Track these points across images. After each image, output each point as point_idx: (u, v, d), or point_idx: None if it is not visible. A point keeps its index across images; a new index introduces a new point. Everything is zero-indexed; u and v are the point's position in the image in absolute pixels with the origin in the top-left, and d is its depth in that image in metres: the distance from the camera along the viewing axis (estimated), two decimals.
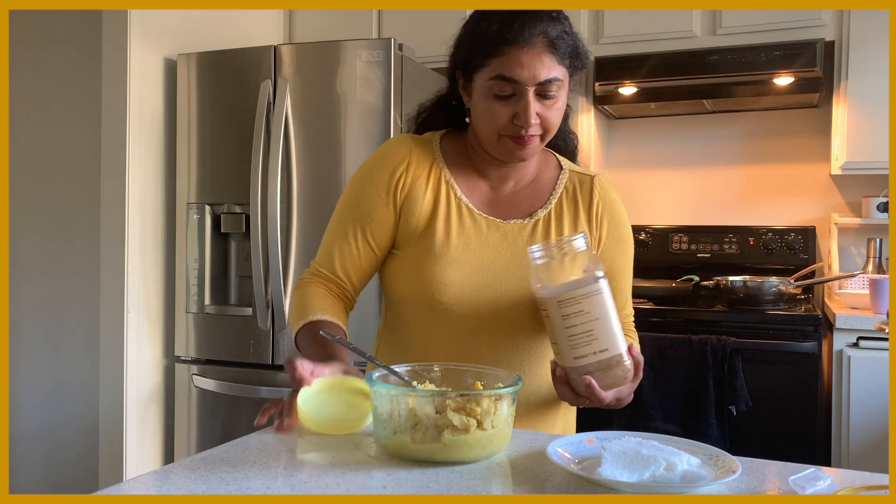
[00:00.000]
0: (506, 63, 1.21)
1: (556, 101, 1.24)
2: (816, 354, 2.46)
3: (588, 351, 1.12)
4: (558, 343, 1.14)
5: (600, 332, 1.12)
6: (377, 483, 0.90)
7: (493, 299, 1.28)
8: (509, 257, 1.30)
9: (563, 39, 1.22)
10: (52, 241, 3.22)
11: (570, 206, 1.35)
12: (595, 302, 1.12)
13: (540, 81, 1.21)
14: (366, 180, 1.34)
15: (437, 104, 1.43)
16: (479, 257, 1.29)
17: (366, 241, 1.33)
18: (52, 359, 3.22)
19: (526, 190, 1.36)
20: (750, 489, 0.90)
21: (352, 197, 1.35)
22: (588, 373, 1.13)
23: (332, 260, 1.35)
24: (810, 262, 2.98)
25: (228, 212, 2.78)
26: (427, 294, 1.28)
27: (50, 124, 3.22)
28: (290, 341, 2.68)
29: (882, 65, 2.68)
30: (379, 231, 1.32)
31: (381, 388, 1.00)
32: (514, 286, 1.28)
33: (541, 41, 1.20)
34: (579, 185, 1.37)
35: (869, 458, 2.43)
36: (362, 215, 1.32)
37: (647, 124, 3.38)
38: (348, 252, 1.33)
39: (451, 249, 1.28)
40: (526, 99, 1.21)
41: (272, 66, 2.69)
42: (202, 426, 2.81)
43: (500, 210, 1.34)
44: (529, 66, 1.20)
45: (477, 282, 1.28)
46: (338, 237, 1.35)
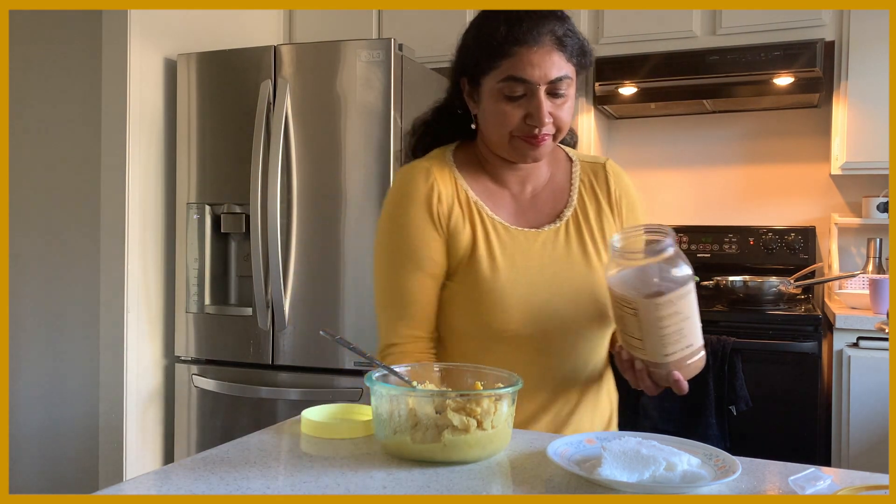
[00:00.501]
0: (516, 63, 1.20)
1: (566, 99, 1.24)
2: (816, 354, 2.46)
3: (677, 348, 1.14)
4: (645, 340, 1.14)
5: (689, 329, 1.14)
6: (377, 483, 0.90)
7: (554, 313, 1.27)
8: (554, 266, 1.28)
9: (570, 38, 1.23)
10: (52, 241, 3.22)
11: (591, 200, 1.35)
12: (688, 301, 1.13)
13: (550, 80, 1.21)
14: (409, 225, 1.27)
15: (438, 116, 1.40)
16: (526, 274, 1.27)
17: (433, 278, 1.28)
18: (52, 359, 3.22)
19: (545, 191, 1.35)
20: (750, 489, 0.90)
21: (402, 244, 1.28)
22: (676, 368, 1.15)
23: (411, 320, 1.28)
24: (810, 262, 2.98)
25: (228, 212, 2.78)
26: (489, 324, 1.25)
27: (50, 124, 3.22)
28: (289, 341, 2.69)
29: (882, 65, 2.68)
30: (440, 268, 1.28)
31: (381, 388, 1.00)
32: (566, 293, 1.27)
33: (549, 40, 1.20)
34: (594, 176, 1.37)
35: (869, 458, 2.43)
36: (422, 260, 1.27)
37: (647, 124, 3.38)
38: (425, 302, 1.28)
39: (500, 273, 1.26)
40: (538, 98, 1.21)
41: (272, 66, 2.69)
42: (202, 426, 2.81)
43: (528, 219, 1.33)
44: (540, 66, 1.20)
45: (536, 301, 1.26)
46: (405, 293, 1.27)
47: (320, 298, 2.64)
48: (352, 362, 2.60)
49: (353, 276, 2.60)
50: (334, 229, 2.62)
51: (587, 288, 1.29)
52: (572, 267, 1.29)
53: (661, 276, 1.13)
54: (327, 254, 2.63)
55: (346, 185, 2.61)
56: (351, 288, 2.61)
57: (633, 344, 1.17)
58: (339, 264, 2.62)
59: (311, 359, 2.66)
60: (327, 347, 2.63)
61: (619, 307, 1.16)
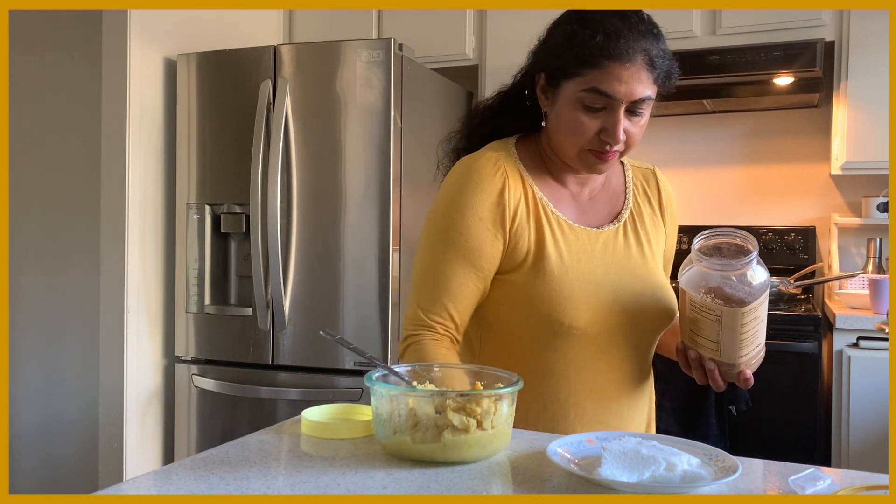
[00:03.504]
0: (604, 77, 1.18)
1: (641, 118, 1.23)
2: (816, 354, 2.46)
3: (752, 349, 1.16)
4: (722, 344, 1.15)
5: (762, 330, 1.17)
6: (377, 483, 0.90)
7: (621, 311, 1.26)
8: (616, 265, 1.29)
9: (662, 59, 1.21)
10: (52, 241, 3.22)
11: (644, 203, 1.37)
12: (766, 306, 1.15)
13: (634, 99, 1.19)
14: (468, 213, 1.24)
15: (502, 102, 1.37)
16: (592, 272, 1.26)
17: (479, 277, 1.25)
18: (52, 359, 3.22)
19: (602, 193, 1.35)
20: (750, 489, 0.90)
21: (453, 232, 1.24)
22: (747, 366, 1.17)
23: (442, 306, 1.25)
24: (810, 262, 2.98)
25: (228, 212, 2.78)
26: (558, 320, 1.23)
27: (50, 124, 3.22)
28: (289, 341, 2.69)
29: (882, 65, 2.68)
30: (490, 265, 1.26)
31: (381, 388, 1.00)
32: (631, 292, 1.27)
33: (641, 58, 1.18)
34: (646, 181, 1.39)
35: (869, 458, 2.43)
36: (471, 251, 1.24)
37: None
38: (460, 293, 1.25)
39: (569, 270, 1.25)
40: (617, 115, 1.19)
41: (272, 66, 2.69)
42: (202, 426, 2.81)
43: (589, 218, 1.32)
44: (628, 83, 1.18)
45: (604, 298, 1.25)
46: (444, 278, 1.24)
47: (320, 298, 2.64)
48: (352, 362, 2.60)
49: (353, 276, 2.60)
50: (334, 229, 2.62)
51: (648, 287, 1.30)
52: (633, 267, 1.30)
53: (746, 284, 1.13)
54: (327, 254, 2.63)
55: (346, 185, 2.61)
56: (351, 288, 2.61)
57: (707, 346, 1.18)
58: (339, 264, 2.62)
59: (311, 359, 2.66)
60: (327, 347, 2.63)
61: (698, 311, 1.16)
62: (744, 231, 1.18)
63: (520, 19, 3.01)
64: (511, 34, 3.02)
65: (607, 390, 1.29)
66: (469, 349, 1.36)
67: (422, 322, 1.26)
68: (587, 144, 1.23)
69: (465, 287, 1.25)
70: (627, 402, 1.32)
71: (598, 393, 1.28)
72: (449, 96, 3.04)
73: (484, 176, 1.25)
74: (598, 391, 1.28)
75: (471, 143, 1.38)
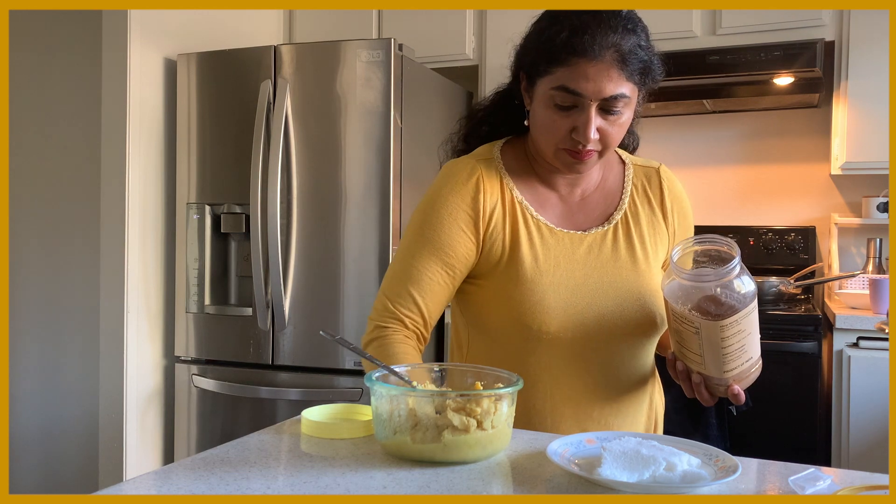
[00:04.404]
0: (571, 74, 1.15)
1: (619, 116, 1.19)
2: (816, 354, 2.46)
3: (738, 363, 1.11)
4: (706, 357, 1.11)
5: (750, 344, 1.11)
6: (377, 483, 0.90)
7: (597, 316, 1.24)
8: (600, 269, 1.26)
9: (636, 54, 1.16)
10: (52, 240, 3.22)
11: (643, 204, 1.32)
12: (751, 319, 1.09)
13: (604, 97, 1.15)
14: (442, 211, 1.26)
15: (497, 102, 1.36)
16: (571, 277, 1.24)
17: (448, 275, 1.26)
18: (52, 359, 3.22)
19: (596, 194, 1.32)
20: (750, 489, 0.90)
21: (427, 229, 1.26)
22: (736, 382, 1.13)
23: (411, 298, 1.26)
24: (810, 262, 2.98)
25: (228, 212, 2.78)
26: (528, 325, 1.23)
27: (50, 124, 3.22)
28: (289, 341, 2.69)
29: (882, 65, 2.68)
30: (461, 264, 1.26)
31: (381, 388, 1.00)
32: (613, 297, 1.25)
33: (611, 55, 1.14)
34: (647, 181, 1.34)
35: (869, 458, 2.43)
36: (441, 248, 1.25)
37: (647, 124, 3.34)
38: (429, 288, 1.25)
39: (543, 275, 1.23)
40: (587, 114, 1.16)
41: (272, 66, 2.69)
42: (202, 426, 2.81)
43: (575, 221, 1.29)
44: (595, 80, 1.14)
45: (579, 303, 1.23)
46: (416, 272, 1.25)
47: (320, 298, 2.64)
48: (352, 362, 2.60)
49: (353, 276, 2.60)
50: (334, 229, 2.62)
51: (634, 292, 1.26)
52: (619, 270, 1.26)
53: (726, 296, 1.07)
54: (327, 254, 2.63)
55: (346, 185, 2.61)
56: (351, 288, 2.61)
57: (692, 359, 1.14)
58: (339, 264, 2.62)
59: (311, 359, 2.66)
60: (327, 347, 2.63)
61: (678, 323, 1.12)
62: (728, 238, 1.12)
63: (520, 19, 2.98)
64: (511, 34, 3.01)
65: (585, 396, 1.27)
66: (458, 348, 1.36)
67: (390, 313, 1.26)
68: (561, 143, 1.21)
69: (434, 283, 1.25)
70: (611, 409, 1.28)
71: (576, 399, 1.26)
72: (449, 96, 3.04)
73: (458, 181, 1.27)
74: (577, 397, 1.26)
75: (468, 145, 1.38)
